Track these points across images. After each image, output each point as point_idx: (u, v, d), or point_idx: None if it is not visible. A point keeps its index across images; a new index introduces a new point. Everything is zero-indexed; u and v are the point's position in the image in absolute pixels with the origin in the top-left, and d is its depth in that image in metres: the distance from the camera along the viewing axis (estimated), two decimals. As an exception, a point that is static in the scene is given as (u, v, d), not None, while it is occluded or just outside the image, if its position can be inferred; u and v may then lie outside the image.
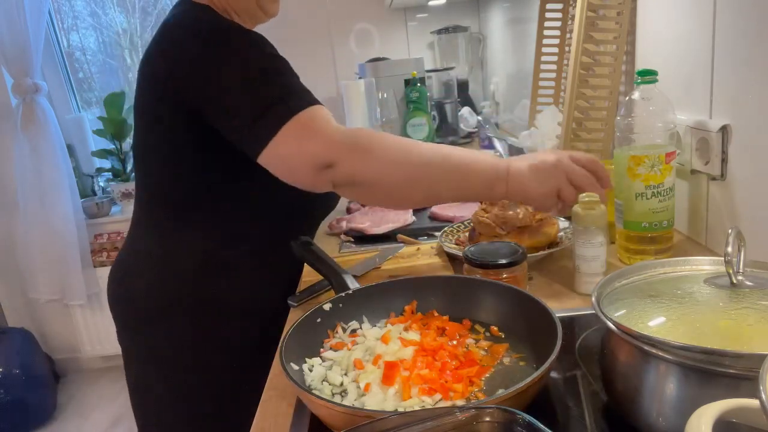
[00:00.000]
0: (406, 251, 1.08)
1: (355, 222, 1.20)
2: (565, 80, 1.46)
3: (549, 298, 0.83)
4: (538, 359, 0.64)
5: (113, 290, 1.10)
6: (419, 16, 2.77)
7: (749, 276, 0.56)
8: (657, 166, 0.85)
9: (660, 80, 0.87)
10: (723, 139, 0.85)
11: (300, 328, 0.71)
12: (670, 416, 0.49)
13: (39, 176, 2.65)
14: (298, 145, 0.81)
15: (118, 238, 2.85)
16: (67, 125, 2.91)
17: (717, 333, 0.51)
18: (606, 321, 0.54)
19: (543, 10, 1.51)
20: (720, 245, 0.88)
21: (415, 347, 0.67)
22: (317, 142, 0.81)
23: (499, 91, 2.41)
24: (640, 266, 0.64)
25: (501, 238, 0.96)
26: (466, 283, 0.80)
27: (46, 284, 2.76)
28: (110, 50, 3.04)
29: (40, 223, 2.68)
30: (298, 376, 0.65)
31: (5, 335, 2.66)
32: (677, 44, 0.95)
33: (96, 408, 2.70)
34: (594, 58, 1.07)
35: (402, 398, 0.60)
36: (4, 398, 2.42)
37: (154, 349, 1.08)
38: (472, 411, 0.44)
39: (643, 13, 1.06)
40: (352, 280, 0.84)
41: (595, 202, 0.82)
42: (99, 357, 2.99)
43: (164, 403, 1.09)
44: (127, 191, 2.85)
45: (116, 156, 2.85)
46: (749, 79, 0.78)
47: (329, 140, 0.81)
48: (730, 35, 0.82)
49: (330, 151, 0.81)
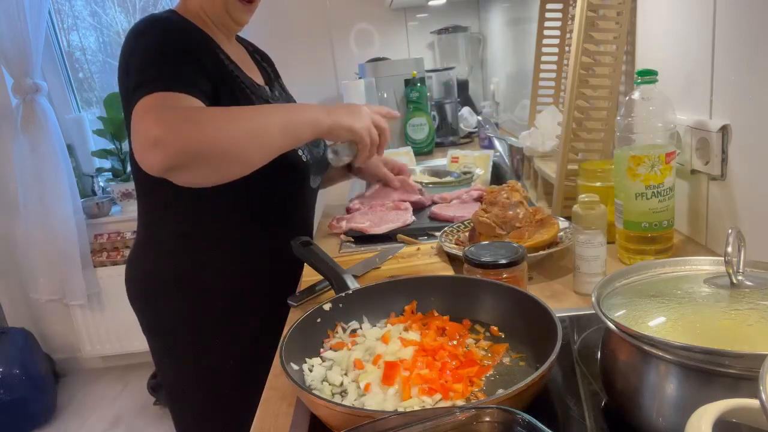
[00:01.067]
0: (406, 251, 1.08)
1: (355, 222, 1.20)
2: (565, 80, 1.46)
3: (549, 298, 0.83)
4: (538, 359, 0.64)
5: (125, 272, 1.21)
6: (419, 16, 2.77)
7: (749, 276, 0.56)
8: (657, 166, 0.85)
9: (660, 80, 0.87)
10: (723, 139, 0.85)
11: (300, 328, 0.71)
12: (670, 416, 0.49)
13: (39, 176, 2.65)
14: (138, 121, 0.84)
15: (118, 238, 2.85)
16: (67, 125, 2.91)
17: (717, 333, 0.51)
18: (606, 321, 0.54)
19: (543, 10, 1.51)
20: (720, 245, 0.88)
21: (415, 347, 0.67)
22: (152, 118, 0.83)
23: (499, 91, 2.41)
24: (640, 266, 0.64)
25: (501, 238, 0.96)
26: (466, 283, 0.79)
27: (46, 284, 2.76)
28: (110, 50, 3.04)
29: (40, 223, 2.68)
30: (298, 376, 0.65)
31: (5, 335, 2.66)
32: (677, 44, 0.95)
33: (96, 408, 2.70)
34: (594, 58, 1.07)
35: (402, 398, 0.60)
36: (4, 398, 2.42)
37: (153, 329, 1.18)
38: (472, 411, 0.44)
39: (643, 13, 1.06)
40: (352, 280, 0.84)
41: (595, 202, 0.82)
42: (99, 357, 2.99)
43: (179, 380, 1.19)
44: (127, 191, 2.85)
45: (116, 156, 2.85)
46: (749, 79, 0.78)
47: (162, 118, 0.83)
48: (730, 35, 0.82)
49: (159, 128, 0.82)
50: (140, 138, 0.83)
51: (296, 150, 1.11)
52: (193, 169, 0.85)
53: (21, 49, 2.52)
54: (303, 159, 1.13)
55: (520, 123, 1.96)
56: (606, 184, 0.98)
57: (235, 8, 1.10)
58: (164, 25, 1.01)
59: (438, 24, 2.70)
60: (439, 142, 2.25)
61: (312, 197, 1.27)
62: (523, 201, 1.01)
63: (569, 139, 1.10)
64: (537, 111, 1.52)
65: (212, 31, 1.11)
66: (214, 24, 1.11)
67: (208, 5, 1.09)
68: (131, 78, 0.92)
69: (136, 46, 0.97)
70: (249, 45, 1.30)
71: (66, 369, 3.02)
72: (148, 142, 0.81)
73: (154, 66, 0.92)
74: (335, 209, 1.46)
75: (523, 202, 1.00)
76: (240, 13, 1.11)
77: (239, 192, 1.06)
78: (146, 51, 0.95)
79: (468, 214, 1.15)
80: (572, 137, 1.11)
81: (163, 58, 0.94)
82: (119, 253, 2.83)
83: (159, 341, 1.18)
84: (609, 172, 0.98)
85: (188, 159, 0.83)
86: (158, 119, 0.83)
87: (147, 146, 0.82)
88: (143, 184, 1.13)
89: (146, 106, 0.85)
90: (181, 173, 0.85)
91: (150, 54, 0.95)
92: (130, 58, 0.97)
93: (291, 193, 1.17)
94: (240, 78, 1.08)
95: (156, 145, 0.81)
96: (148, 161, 0.83)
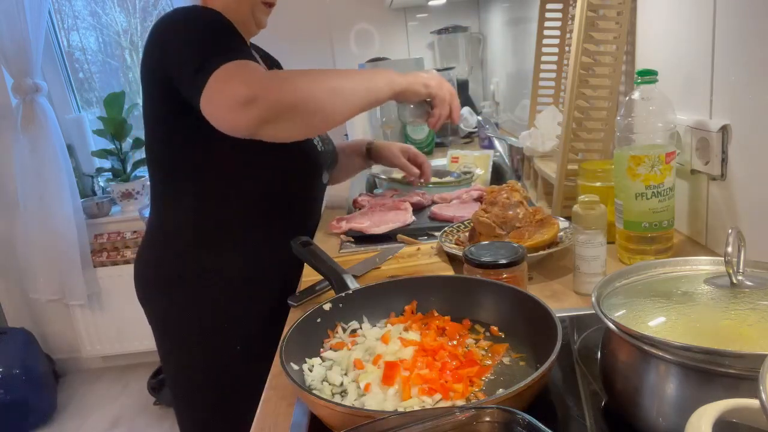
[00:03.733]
0: (406, 251, 1.08)
1: (355, 222, 1.21)
2: (565, 80, 1.46)
3: (549, 298, 0.83)
4: (538, 359, 0.64)
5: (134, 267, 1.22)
6: (419, 16, 2.77)
7: (749, 276, 0.56)
8: (657, 166, 0.85)
9: (660, 80, 0.87)
10: (723, 139, 0.85)
11: (300, 328, 0.71)
12: (670, 416, 0.49)
13: (39, 176, 2.65)
14: (222, 88, 0.88)
15: (118, 238, 2.85)
16: (67, 125, 2.91)
17: (717, 333, 0.51)
18: (606, 321, 0.54)
19: (543, 10, 1.51)
20: (720, 245, 0.88)
21: (415, 347, 0.67)
22: (238, 81, 0.88)
23: (499, 91, 2.41)
24: (640, 266, 0.64)
25: (501, 238, 0.96)
26: (466, 283, 0.79)
27: (46, 284, 2.76)
28: (110, 50, 3.04)
29: (40, 223, 2.68)
30: (298, 376, 0.65)
31: (5, 335, 2.66)
32: (677, 44, 0.95)
33: (96, 408, 2.70)
34: (594, 58, 1.07)
35: (402, 398, 0.60)
36: (4, 398, 2.42)
37: (160, 320, 1.18)
38: (472, 411, 0.44)
39: (643, 13, 1.06)
40: (352, 280, 0.84)
41: (595, 202, 0.82)
42: (99, 357, 2.99)
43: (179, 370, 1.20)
44: (127, 191, 2.85)
45: (116, 156, 2.85)
46: (749, 79, 0.78)
47: (249, 79, 0.88)
48: (730, 35, 0.82)
49: (250, 87, 0.87)
50: (229, 102, 0.87)
51: (311, 140, 1.13)
52: (283, 121, 0.90)
53: (21, 49, 2.52)
54: (318, 149, 1.14)
55: (520, 123, 1.96)
56: (606, 184, 0.98)
57: (260, 11, 1.11)
58: (199, 11, 1.02)
59: (438, 24, 2.70)
60: (439, 142, 2.25)
61: (321, 192, 1.29)
62: (523, 201, 1.01)
63: (569, 139, 1.10)
64: (537, 111, 1.52)
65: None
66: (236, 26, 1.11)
67: (234, 6, 1.09)
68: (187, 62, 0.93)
69: (176, 34, 0.99)
70: (259, 50, 1.30)
71: (66, 369, 3.02)
72: (239, 103, 0.86)
73: (213, 45, 0.94)
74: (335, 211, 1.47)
75: (523, 202, 1.00)
76: (263, 16, 1.13)
77: (251, 186, 1.07)
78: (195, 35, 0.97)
79: (468, 214, 1.15)
80: (572, 137, 1.11)
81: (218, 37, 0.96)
82: (119, 253, 2.83)
83: (165, 336, 1.18)
84: (609, 172, 0.98)
85: (281, 112, 0.89)
86: (245, 80, 0.87)
87: (239, 107, 0.86)
88: (163, 180, 1.13)
89: (224, 74, 0.89)
90: (272, 127, 0.90)
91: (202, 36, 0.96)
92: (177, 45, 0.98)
93: (304, 186, 1.18)
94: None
95: (249, 103, 0.86)
96: (242, 121, 0.88)
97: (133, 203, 2.85)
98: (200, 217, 1.12)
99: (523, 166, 1.52)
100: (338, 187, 1.59)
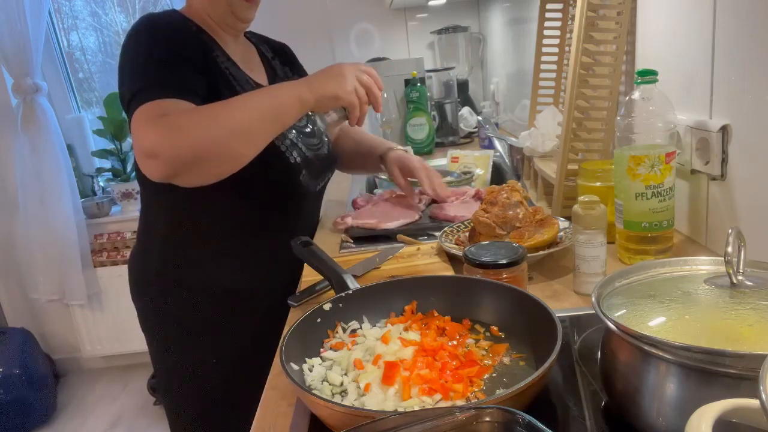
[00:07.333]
0: (406, 251, 1.08)
1: (362, 218, 1.20)
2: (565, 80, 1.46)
3: (549, 298, 0.83)
4: (538, 359, 0.64)
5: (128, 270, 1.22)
6: (419, 16, 2.77)
7: (749, 276, 0.56)
8: (657, 166, 0.85)
9: (660, 80, 0.87)
10: (723, 139, 0.85)
11: (300, 328, 0.71)
12: (670, 416, 0.49)
13: (39, 176, 2.65)
14: (136, 134, 0.88)
15: (118, 238, 2.85)
16: (67, 125, 2.91)
17: (717, 333, 0.51)
18: (606, 321, 0.54)
19: (543, 10, 1.51)
20: (720, 245, 0.88)
21: (415, 347, 0.67)
22: (142, 132, 0.87)
23: (499, 91, 2.41)
24: (640, 266, 0.64)
25: (501, 238, 0.96)
26: (466, 283, 0.79)
27: (46, 284, 2.76)
28: (110, 50, 3.04)
29: (40, 223, 2.67)
30: (298, 376, 0.65)
31: (5, 335, 2.66)
32: (677, 44, 0.95)
33: (96, 408, 2.70)
34: (594, 58, 1.07)
35: (402, 398, 0.60)
36: (4, 398, 2.42)
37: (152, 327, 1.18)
38: (472, 411, 0.44)
39: (643, 13, 1.06)
40: (352, 280, 0.84)
41: (595, 202, 0.82)
42: (99, 357, 2.99)
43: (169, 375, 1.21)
44: (127, 191, 2.85)
45: (116, 156, 2.85)
46: (749, 79, 0.78)
47: (150, 131, 0.87)
48: (730, 35, 0.82)
49: (152, 140, 0.86)
50: (138, 151, 0.88)
51: (284, 152, 1.09)
52: (189, 173, 0.90)
53: (21, 49, 2.52)
54: (291, 161, 1.10)
55: (520, 123, 1.96)
56: (606, 184, 0.98)
57: (239, 7, 1.10)
58: (153, 28, 1.01)
59: (438, 24, 2.70)
60: (439, 142, 2.25)
61: (312, 198, 1.24)
62: (523, 201, 1.01)
63: (569, 139, 1.10)
64: (537, 111, 1.52)
65: (215, 32, 1.11)
66: (218, 24, 1.11)
67: (210, 6, 1.09)
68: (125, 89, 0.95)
69: (126, 52, 0.99)
70: (262, 41, 1.29)
71: (66, 369, 3.02)
72: (146, 155, 0.86)
73: (144, 74, 0.94)
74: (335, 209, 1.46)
75: (523, 202, 1.00)
76: (244, 11, 1.11)
77: (235, 194, 1.06)
78: (135, 59, 0.98)
79: (468, 214, 1.15)
80: (572, 137, 1.11)
81: (151, 65, 0.95)
82: (119, 253, 2.83)
83: (158, 339, 1.18)
84: (609, 172, 0.98)
85: (181, 166, 0.88)
86: (149, 131, 0.86)
87: (146, 158, 0.87)
88: (143, 184, 1.13)
89: (139, 117, 0.89)
90: (180, 178, 0.90)
91: (138, 61, 0.97)
92: (123, 64, 0.99)
93: (287, 195, 1.15)
94: (234, 77, 1.08)
95: (152, 156, 0.86)
96: (148, 171, 0.88)
97: (133, 203, 2.85)
98: (177, 228, 1.12)
99: (523, 166, 1.52)
100: (338, 188, 1.59)
